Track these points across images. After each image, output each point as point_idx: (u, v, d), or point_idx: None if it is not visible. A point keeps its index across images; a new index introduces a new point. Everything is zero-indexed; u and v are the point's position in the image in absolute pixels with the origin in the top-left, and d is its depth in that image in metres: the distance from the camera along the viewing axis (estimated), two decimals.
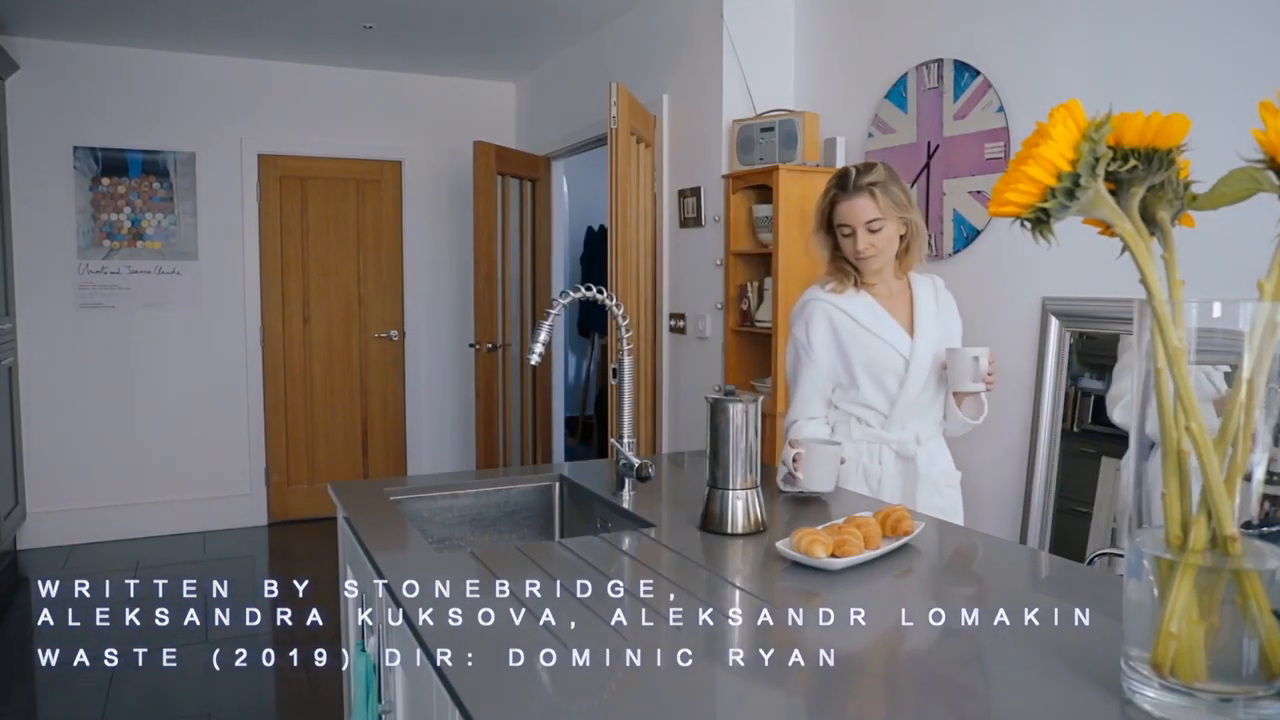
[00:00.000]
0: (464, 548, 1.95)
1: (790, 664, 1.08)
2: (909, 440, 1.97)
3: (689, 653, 1.09)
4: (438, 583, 1.36)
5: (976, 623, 1.23)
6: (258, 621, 4.09)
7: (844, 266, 2.03)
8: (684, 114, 3.76)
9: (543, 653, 1.06)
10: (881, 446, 1.99)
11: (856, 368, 1.99)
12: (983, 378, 1.88)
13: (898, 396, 1.97)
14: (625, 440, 1.92)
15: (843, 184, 1.96)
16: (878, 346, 1.97)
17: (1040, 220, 0.87)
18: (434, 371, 5.57)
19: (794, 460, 1.67)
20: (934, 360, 1.97)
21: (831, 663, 1.09)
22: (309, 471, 5.31)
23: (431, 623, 1.16)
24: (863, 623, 1.21)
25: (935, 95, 2.90)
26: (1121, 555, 2.29)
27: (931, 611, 1.26)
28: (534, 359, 1.83)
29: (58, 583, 4.20)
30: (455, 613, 1.23)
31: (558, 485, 2.08)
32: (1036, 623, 1.16)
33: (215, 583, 4.52)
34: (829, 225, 2.01)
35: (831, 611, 1.23)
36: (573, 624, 1.15)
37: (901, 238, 1.99)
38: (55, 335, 4.71)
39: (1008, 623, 1.18)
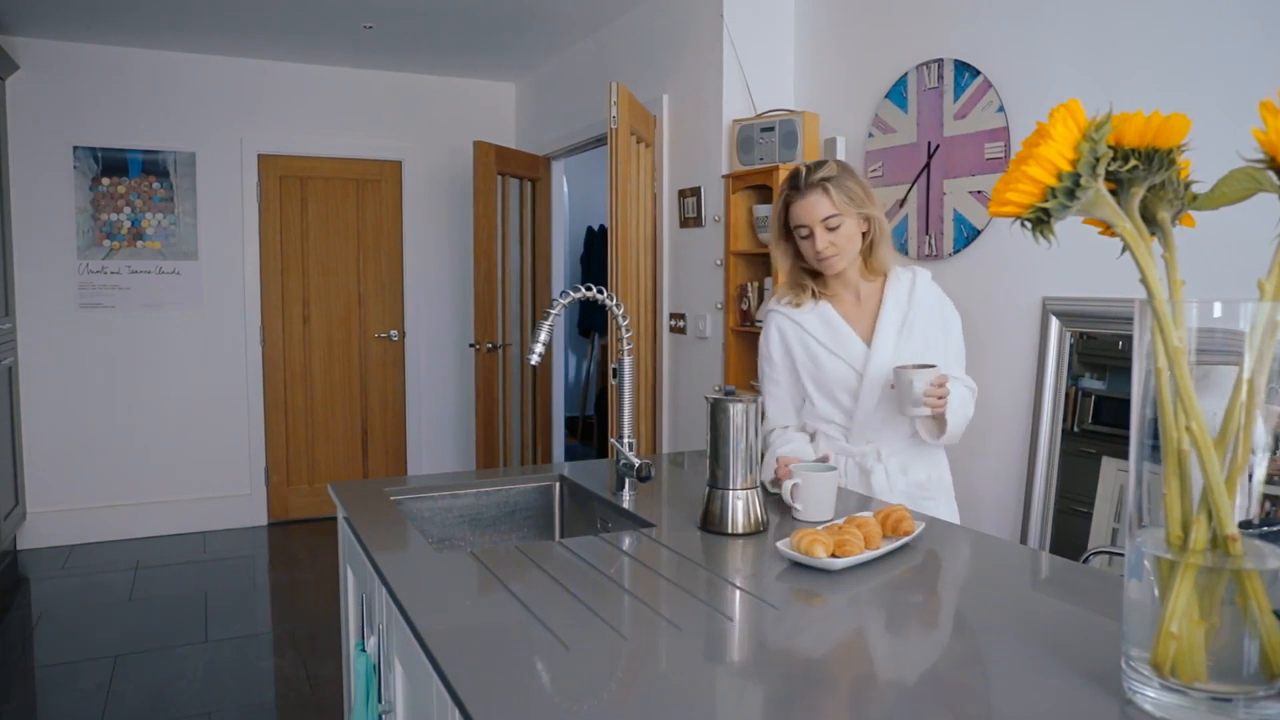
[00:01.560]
0: (464, 548, 1.95)
1: (790, 664, 1.08)
2: (869, 454, 1.92)
3: (689, 653, 1.09)
4: (438, 583, 1.36)
5: (976, 623, 1.22)
6: (257, 621, 4.10)
7: (801, 279, 1.97)
8: (684, 114, 3.76)
9: (543, 653, 1.06)
10: (846, 459, 1.94)
11: (808, 382, 1.95)
12: (921, 402, 1.77)
13: (854, 410, 1.90)
14: (625, 440, 1.92)
15: (794, 183, 1.88)
16: (829, 361, 1.91)
17: (1040, 220, 0.87)
18: (434, 371, 5.57)
19: (791, 491, 1.65)
20: (883, 383, 1.88)
21: (831, 663, 1.09)
22: (309, 471, 5.32)
23: (431, 623, 1.16)
24: (863, 623, 1.21)
25: (935, 95, 2.90)
26: (1116, 553, 2.29)
27: (931, 611, 1.26)
28: (534, 359, 1.83)
29: (58, 582, 4.21)
30: (455, 613, 1.23)
31: (558, 485, 2.08)
32: (1036, 623, 1.16)
33: (215, 583, 4.55)
34: (787, 230, 1.93)
35: (832, 611, 1.23)
36: (573, 624, 1.15)
37: (864, 235, 1.90)
38: (55, 335, 4.71)
39: (1007, 623, 1.18)
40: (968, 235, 2.79)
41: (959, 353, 1.97)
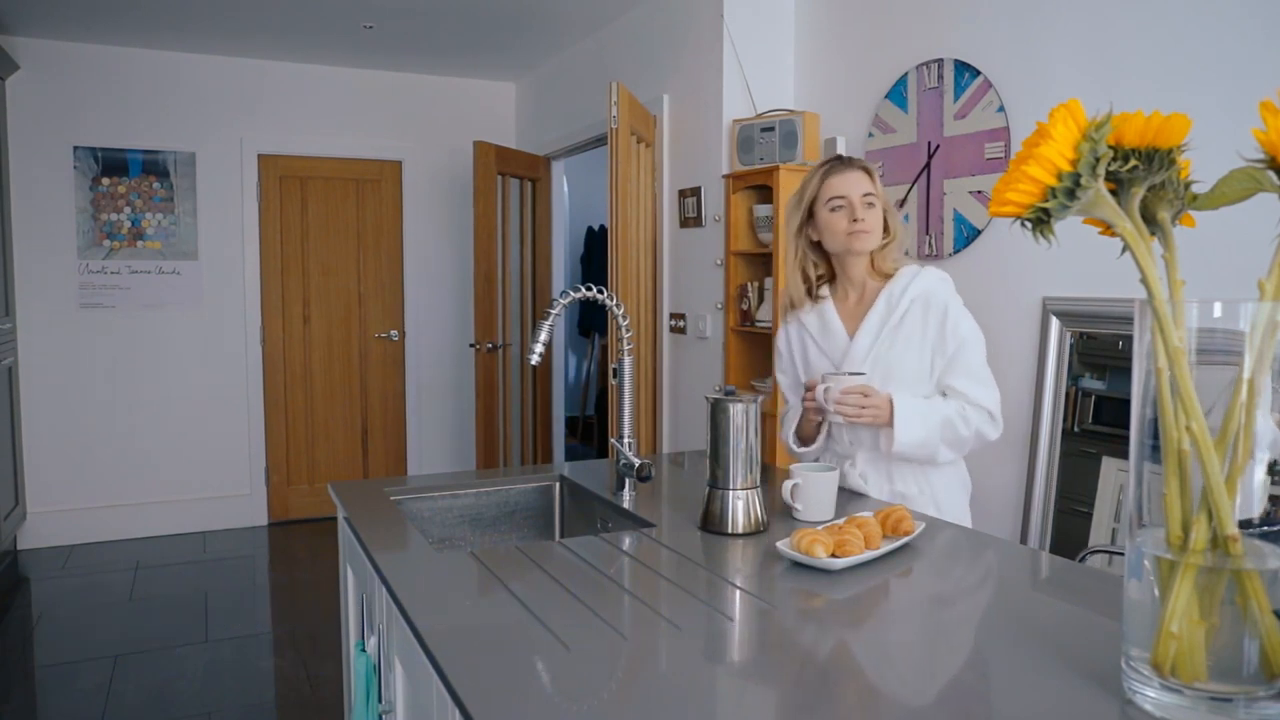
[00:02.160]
0: (464, 548, 1.95)
1: (790, 664, 1.08)
2: (849, 455, 1.92)
3: (689, 652, 1.09)
4: (438, 583, 1.36)
5: (976, 623, 1.23)
6: (257, 621, 4.09)
7: (808, 272, 1.98)
8: (684, 114, 3.76)
9: (543, 653, 1.06)
10: (838, 458, 1.96)
11: (803, 376, 2.02)
12: (829, 408, 1.78)
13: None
14: (625, 440, 1.92)
15: (836, 160, 1.92)
16: (817, 357, 1.97)
17: (1041, 220, 0.87)
18: (434, 371, 5.57)
19: (791, 491, 1.65)
20: (871, 370, 1.87)
21: (831, 663, 1.09)
22: (309, 471, 5.31)
23: (431, 623, 1.16)
24: (863, 623, 1.21)
25: (935, 95, 2.90)
26: (1114, 552, 2.29)
27: (931, 611, 1.26)
28: (534, 359, 1.83)
29: (58, 582, 4.21)
30: (455, 613, 1.23)
31: (558, 485, 2.08)
32: (1036, 623, 1.16)
33: (215, 583, 4.55)
34: (810, 214, 1.93)
35: (832, 612, 1.23)
36: (573, 624, 1.15)
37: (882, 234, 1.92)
38: (55, 335, 4.71)
39: (1007, 623, 1.18)
40: (968, 235, 2.79)
41: (966, 363, 1.84)
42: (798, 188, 1.98)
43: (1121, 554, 2.34)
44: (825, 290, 1.99)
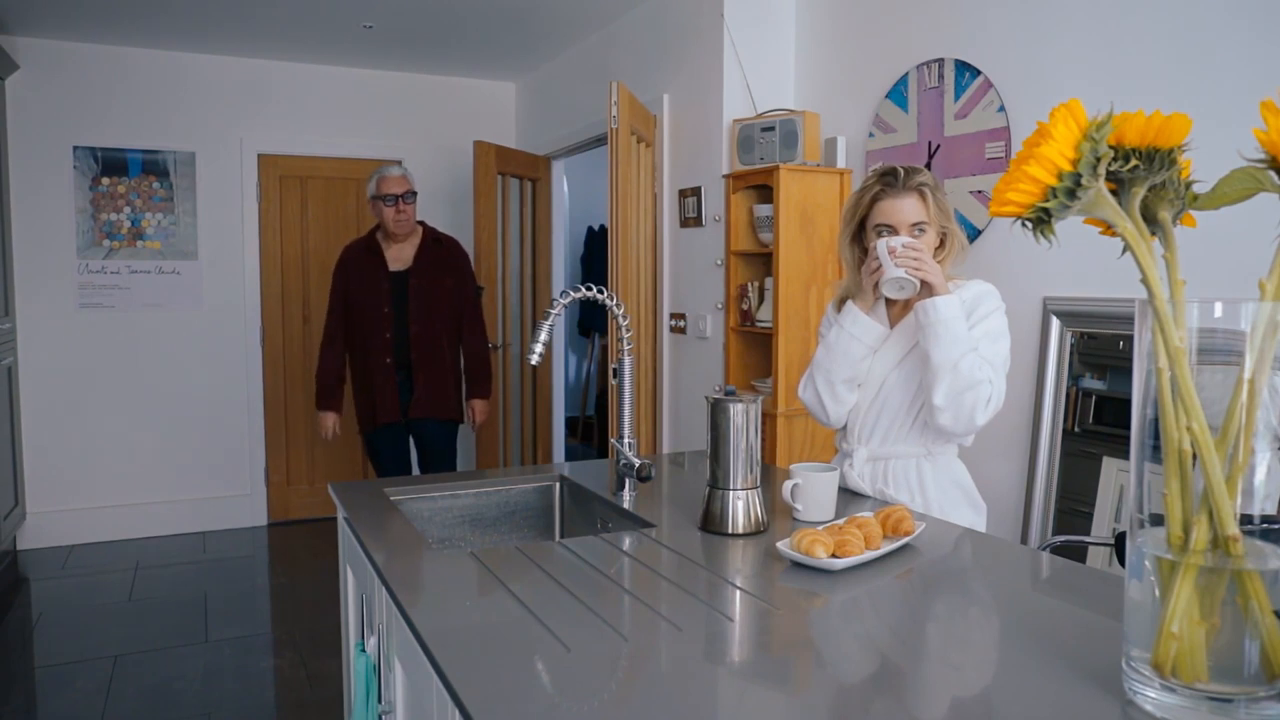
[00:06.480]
0: (464, 548, 1.95)
1: (790, 664, 1.08)
2: (861, 455, 1.89)
3: (689, 653, 1.09)
4: (438, 583, 1.36)
5: (976, 623, 1.22)
6: (257, 622, 4.09)
7: (863, 284, 1.89)
8: (684, 114, 3.76)
9: (543, 653, 1.06)
10: (841, 456, 1.95)
11: None
12: (890, 260, 1.71)
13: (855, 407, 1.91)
14: (625, 440, 1.92)
15: (889, 181, 1.81)
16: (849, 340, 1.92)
17: (1041, 220, 0.87)
18: None
19: (791, 491, 1.65)
20: (883, 376, 1.86)
21: (832, 663, 1.09)
22: (309, 471, 5.31)
23: (431, 623, 1.16)
24: (863, 623, 1.21)
25: (936, 95, 2.90)
26: (1090, 543, 2.28)
27: (932, 612, 1.26)
28: (534, 359, 1.83)
29: (58, 582, 4.21)
30: (455, 613, 1.23)
31: (558, 485, 2.08)
32: (1036, 623, 1.16)
33: (215, 583, 4.55)
34: (860, 228, 1.87)
35: (832, 612, 1.23)
36: (573, 624, 1.15)
37: (937, 250, 1.85)
38: (55, 335, 4.71)
39: (1007, 623, 1.18)
40: (968, 235, 2.79)
41: (987, 349, 1.81)
42: (852, 197, 1.90)
43: (1094, 542, 2.34)
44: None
